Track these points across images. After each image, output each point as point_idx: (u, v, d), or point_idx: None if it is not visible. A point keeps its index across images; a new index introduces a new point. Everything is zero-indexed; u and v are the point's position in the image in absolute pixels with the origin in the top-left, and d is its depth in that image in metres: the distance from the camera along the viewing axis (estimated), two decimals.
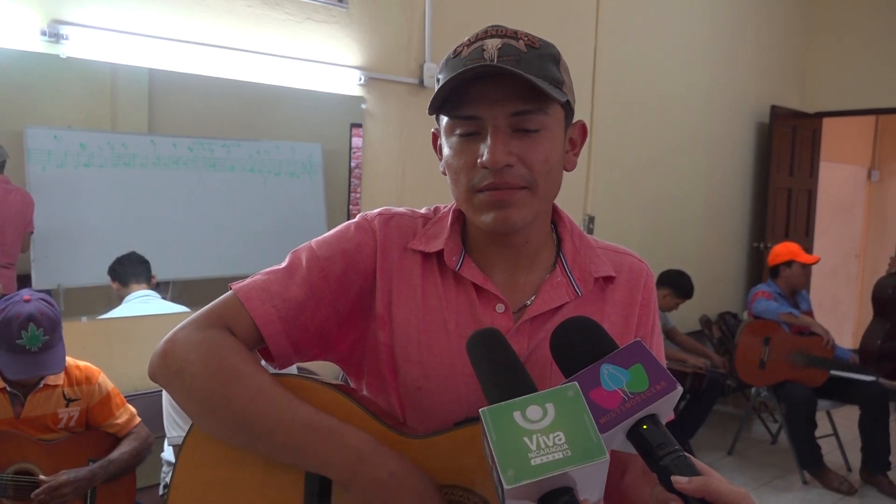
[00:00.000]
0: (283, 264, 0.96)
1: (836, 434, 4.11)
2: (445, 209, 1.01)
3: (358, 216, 1.00)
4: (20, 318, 1.94)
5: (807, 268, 4.21)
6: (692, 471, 0.61)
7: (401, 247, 0.96)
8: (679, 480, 0.60)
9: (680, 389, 0.64)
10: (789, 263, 4.15)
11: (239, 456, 0.90)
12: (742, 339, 4.00)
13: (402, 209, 1.01)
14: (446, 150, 0.90)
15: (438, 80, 0.89)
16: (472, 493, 0.87)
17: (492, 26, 0.89)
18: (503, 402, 0.59)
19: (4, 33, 2.29)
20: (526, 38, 0.87)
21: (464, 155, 0.87)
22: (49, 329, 1.98)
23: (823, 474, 3.82)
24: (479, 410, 0.59)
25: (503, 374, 0.66)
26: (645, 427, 0.63)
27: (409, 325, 0.93)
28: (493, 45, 0.85)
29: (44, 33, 2.35)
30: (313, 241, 0.97)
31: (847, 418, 4.67)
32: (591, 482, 0.57)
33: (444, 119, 0.89)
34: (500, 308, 0.92)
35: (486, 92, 0.84)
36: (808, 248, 5.84)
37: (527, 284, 0.95)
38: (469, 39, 0.88)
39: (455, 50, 0.89)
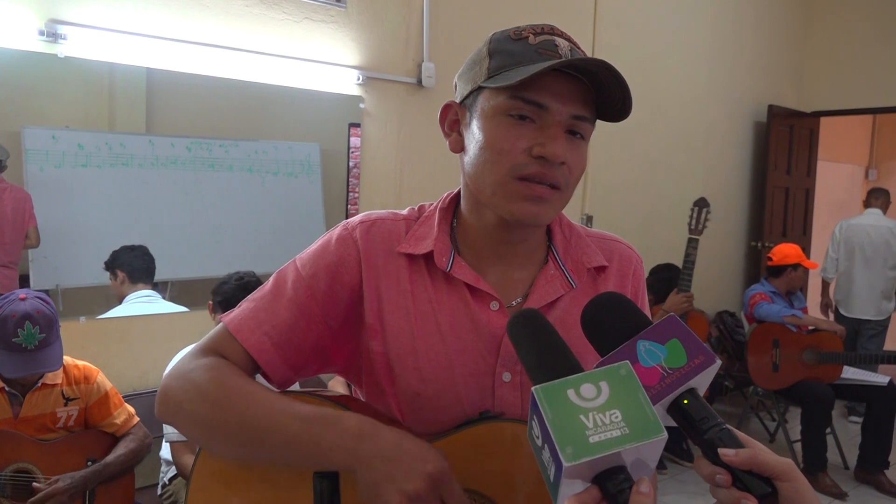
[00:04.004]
0: (268, 287, 0.94)
1: (833, 432, 4.11)
2: (431, 209, 0.99)
3: (338, 226, 0.97)
4: (16, 316, 1.94)
5: (807, 272, 4.30)
6: (737, 443, 0.61)
7: (386, 252, 0.94)
8: (726, 453, 0.59)
9: (719, 363, 0.63)
10: (796, 266, 4.17)
11: (248, 472, 0.91)
12: (751, 346, 3.97)
13: (383, 213, 0.98)
14: (489, 128, 0.86)
15: (493, 55, 0.86)
16: (478, 495, 0.86)
17: (548, 25, 0.88)
18: (556, 381, 0.57)
19: (2, 33, 2.29)
20: (581, 51, 0.87)
21: (514, 138, 0.84)
22: (45, 327, 1.98)
23: (813, 477, 3.81)
24: (532, 389, 0.57)
25: (550, 354, 0.65)
26: (686, 402, 0.62)
27: (401, 331, 0.92)
28: (564, 45, 0.85)
29: (42, 33, 2.35)
30: (297, 259, 0.96)
31: (844, 416, 4.68)
32: (645, 461, 0.56)
33: (499, 97, 0.85)
34: (494, 306, 0.91)
35: (558, 87, 0.83)
36: (806, 247, 5.86)
37: (520, 280, 0.94)
38: (532, 28, 0.87)
39: (515, 31, 0.87)
